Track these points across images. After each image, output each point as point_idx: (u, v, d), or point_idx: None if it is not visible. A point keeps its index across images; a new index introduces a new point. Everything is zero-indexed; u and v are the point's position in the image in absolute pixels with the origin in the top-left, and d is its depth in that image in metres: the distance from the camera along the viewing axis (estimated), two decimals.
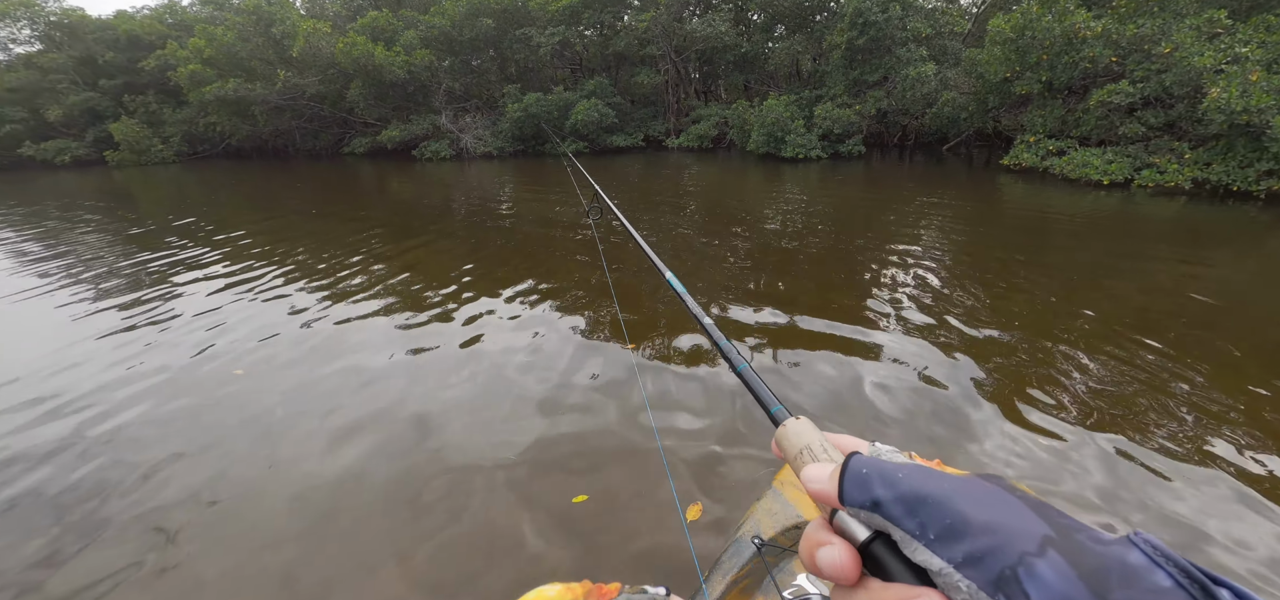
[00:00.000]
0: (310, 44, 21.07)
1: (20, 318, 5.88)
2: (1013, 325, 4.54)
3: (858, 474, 0.37)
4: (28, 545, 2.62)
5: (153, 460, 3.21)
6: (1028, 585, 0.27)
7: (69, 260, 8.19)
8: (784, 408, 0.56)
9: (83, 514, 2.80)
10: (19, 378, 4.33)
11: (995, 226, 8.16)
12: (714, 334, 0.80)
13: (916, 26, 15.77)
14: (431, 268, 6.81)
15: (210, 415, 3.67)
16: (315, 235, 9.01)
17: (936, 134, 17.61)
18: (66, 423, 3.64)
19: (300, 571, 2.42)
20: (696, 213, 9.65)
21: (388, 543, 2.55)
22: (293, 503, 2.83)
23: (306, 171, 20.15)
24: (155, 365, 4.42)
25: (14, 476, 3.13)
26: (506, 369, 4.11)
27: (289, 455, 3.23)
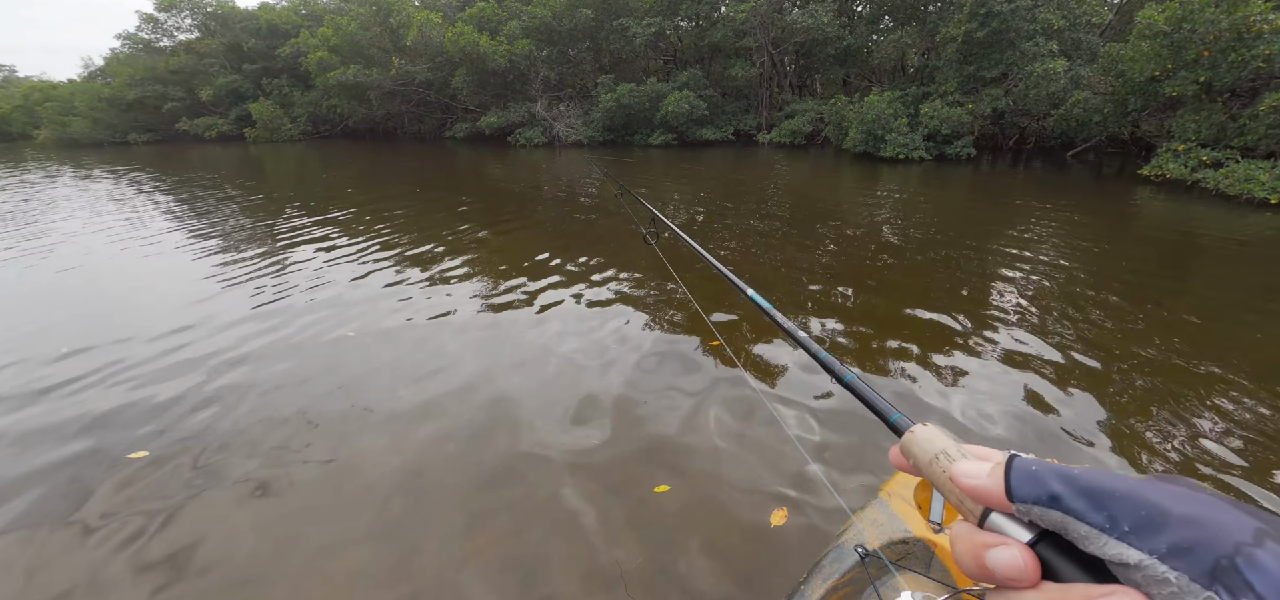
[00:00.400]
0: (423, 33, 22.41)
1: (165, 268, 6.72)
2: (1139, 361, 3.95)
3: (1026, 471, 0.36)
4: (163, 468, 2.95)
5: (268, 408, 3.52)
6: (1250, 575, 0.25)
7: (210, 221, 9.22)
8: (905, 415, 0.53)
9: (204, 447, 3.12)
10: (160, 317, 4.98)
11: (1126, 245, 7.20)
12: (810, 346, 0.77)
13: (1047, 18, 14.31)
14: (520, 249, 7.03)
15: (316, 370, 3.97)
16: (417, 211, 9.59)
17: (1060, 138, 15.99)
18: (194, 367, 4.08)
19: (388, 523, 2.55)
20: (782, 212, 9.30)
21: (469, 511, 2.64)
22: (384, 459, 2.99)
23: (412, 152, 21.53)
24: (272, 322, 4.86)
25: (145, 409, 3.56)
26: (587, 354, 4.14)
27: (383, 414, 3.43)
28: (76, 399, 3.71)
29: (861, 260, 6.43)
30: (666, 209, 9.49)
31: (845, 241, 7.28)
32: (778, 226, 8.20)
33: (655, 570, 2.29)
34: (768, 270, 6.13)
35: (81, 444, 3.21)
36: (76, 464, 3.04)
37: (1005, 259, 6.43)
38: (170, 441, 3.22)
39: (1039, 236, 7.41)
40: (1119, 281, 5.62)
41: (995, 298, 5.22)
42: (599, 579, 2.25)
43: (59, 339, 4.65)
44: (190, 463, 3.02)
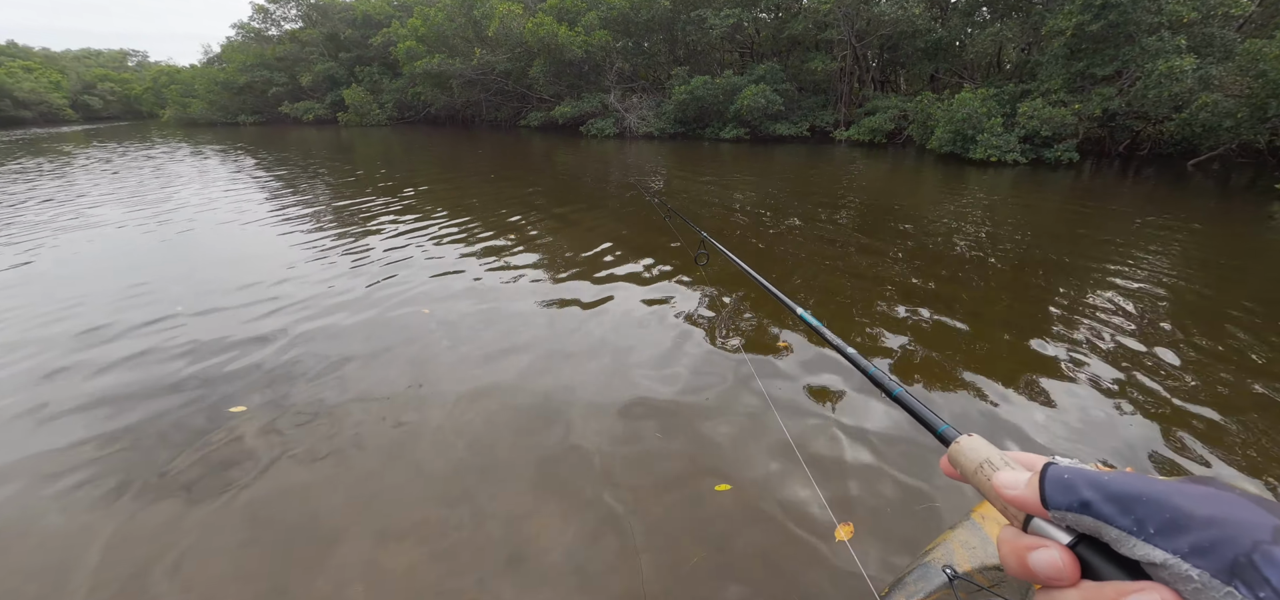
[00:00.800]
0: (504, 24, 23.07)
1: (259, 237, 7.32)
2: (1257, 404, 3.42)
3: (1060, 478, 0.38)
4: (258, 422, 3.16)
5: (347, 374, 3.71)
6: (1267, 570, 0.27)
7: (303, 196, 9.90)
8: (951, 426, 0.56)
9: (293, 406, 3.32)
10: (254, 282, 5.43)
11: (1255, 269, 6.30)
12: (860, 362, 0.80)
13: (1176, 10, 12.86)
14: (585, 240, 7.07)
15: (392, 342, 4.15)
16: (491, 196, 9.91)
17: (1180, 145, 14.41)
18: (284, 334, 4.37)
19: (449, 494, 2.62)
20: (853, 215, 8.80)
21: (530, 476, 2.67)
22: (448, 434, 3.08)
23: (488, 139, 22.30)
24: (354, 294, 5.17)
25: (235, 359, 3.86)
26: (642, 350, 4.11)
27: (449, 390, 3.55)
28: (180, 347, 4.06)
29: (936, 272, 5.93)
30: (732, 207, 9.30)
31: (918, 252, 6.79)
32: (846, 230, 7.79)
33: (709, 571, 2.24)
34: (831, 277, 5.83)
35: (185, 394, 3.52)
36: (180, 411, 3.34)
37: (1107, 280, 5.75)
38: (264, 401, 3.46)
39: (1147, 255, 6.59)
40: (1248, 313, 4.92)
41: (1091, 323, 4.66)
42: (654, 580, 2.21)
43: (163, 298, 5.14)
44: (282, 421, 3.24)
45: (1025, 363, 3.94)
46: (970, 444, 0.50)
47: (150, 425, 3.23)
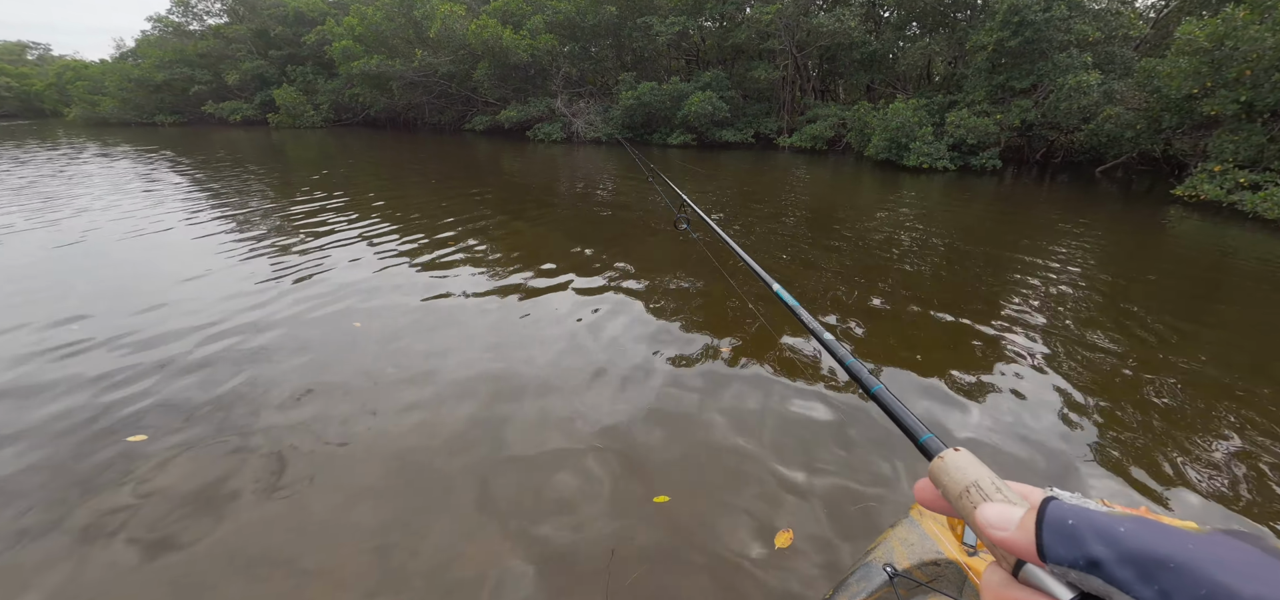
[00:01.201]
0: (446, 25, 22.49)
1: (171, 245, 6.78)
2: (1161, 390, 3.77)
3: (1062, 524, 0.31)
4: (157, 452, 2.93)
5: (274, 393, 3.49)
6: None
7: (225, 201, 9.30)
8: (936, 437, 0.48)
9: (216, 425, 3.10)
10: (163, 293, 5.00)
11: (1154, 268, 6.93)
12: (837, 351, 0.73)
13: (1083, 29, 13.97)
14: (537, 242, 6.99)
15: (322, 359, 3.94)
16: (434, 202, 9.58)
17: (1089, 153, 15.64)
18: (193, 337, 4.08)
19: (390, 520, 2.50)
20: (799, 217, 9.17)
21: (470, 504, 2.58)
22: (388, 456, 2.94)
23: (430, 143, 21.65)
24: (279, 307, 4.85)
25: (137, 380, 3.55)
26: (602, 351, 4.08)
27: (390, 407, 3.38)
28: (71, 369, 3.71)
29: (875, 270, 6.29)
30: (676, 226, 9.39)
31: (861, 250, 7.12)
32: (793, 230, 8.07)
33: (649, 589, 2.21)
34: (779, 274, 6.01)
35: (76, 424, 3.20)
36: (71, 445, 3.03)
37: (1025, 276, 6.26)
38: (169, 428, 3.19)
39: (1063, 254, 7.20)
40: (1145, 306, 5.42)
41: (1011, 316, 5.06)
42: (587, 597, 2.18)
43: (63, 309, 4.69)
44: (190, 450, 2.99)
45: (956, 354, 4.16)
46: (957, 462, 0.43)
47: (33, 462, 2.91)
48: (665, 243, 7.32)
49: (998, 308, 5.29)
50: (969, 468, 0.41)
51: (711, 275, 5.96)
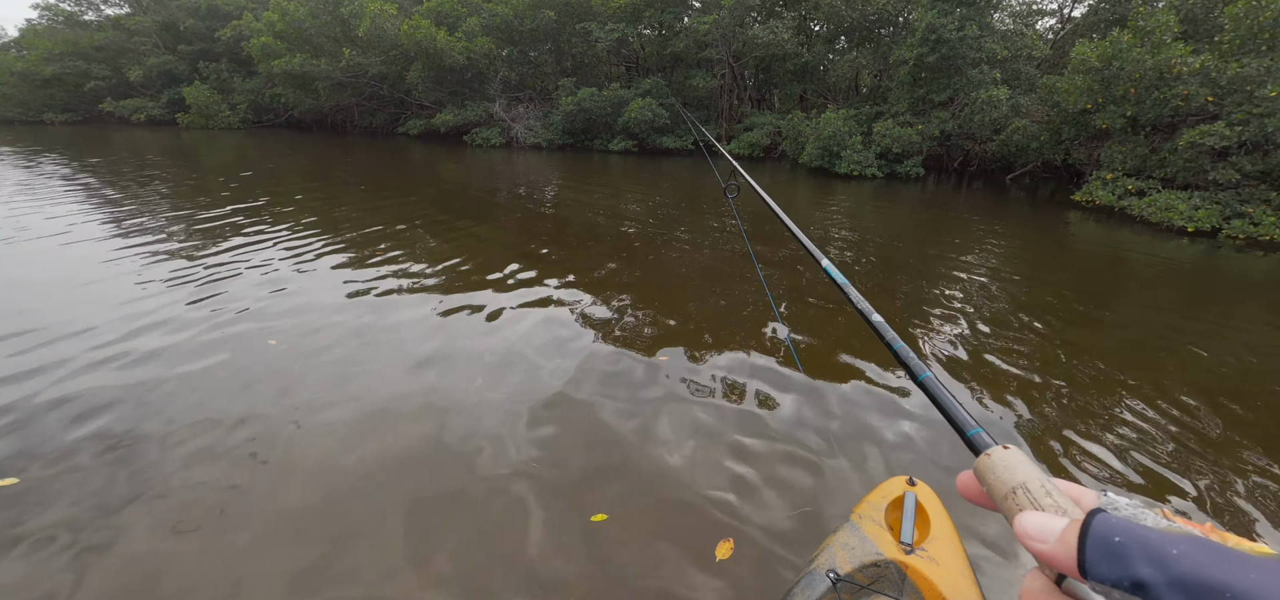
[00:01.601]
0: (376, 25, 21.61)
1: (56, 256, 6.11)
2: (1064, 376, 4.14)
3: (1107, 541, 0.28)
4: (34, 496, 2.62)
5: (185, 421, 3.20)
6: None
7: (124, 207, 8.51)
8: (985, 431, 0.45)
9: (118, 463, 2.80)
10: (41, 310, 4.47)
11: (1058, 266, 7.61)
12: (887, 334, 0.72)
13: (992, 47, 15.06)
14: (474, 252, 6.78)
15: (238, 380, 3.66)
16: (363, 210, 9.14)
17: (1001, 162, 16.83)
18: (74, 364, 3.69)
19: (316, 555, 2.33)
20: (744, 222, 9.39)
21: (397, 535, 2.44)
22: (310, 482, 2.75)
23: (361, 147, 20.70)
24: (179, 323, 4.47)
25: (69, 416, 3.18)
26: (538, 365, 3.98)
27: (313, 430, 3.16)
28: None
29: (811, 268, 6.50)
30: (625, 214, 9.39)
31: (794, 253, 7.35)
32: (734, 233, 8.23)
33: None
34: (719, 279, 6.10)
35: None
36: None
37: (948, 274, 6.68)
38: (43, 467, 2.85)
39: (980, 254, 7.73)
40: (1050, 300, 5.91)
41: (933, 311, 5.39)
42: None
43: None
44: (69, 496, 2.68)
45: (876, 352, 4.33)
46: (1006, 459, 0.40)
47: None
48: (609, 249, 7.28)
49: (922, 303, 5.60)
50: (1018, 467, 0.39)
51: (660, 283, 5.97)
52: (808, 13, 20.67)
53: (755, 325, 4.88)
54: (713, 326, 4.76)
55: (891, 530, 1.78)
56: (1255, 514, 2.77)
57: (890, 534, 1.77)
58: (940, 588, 1.57)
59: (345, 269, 6.08)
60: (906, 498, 1.89)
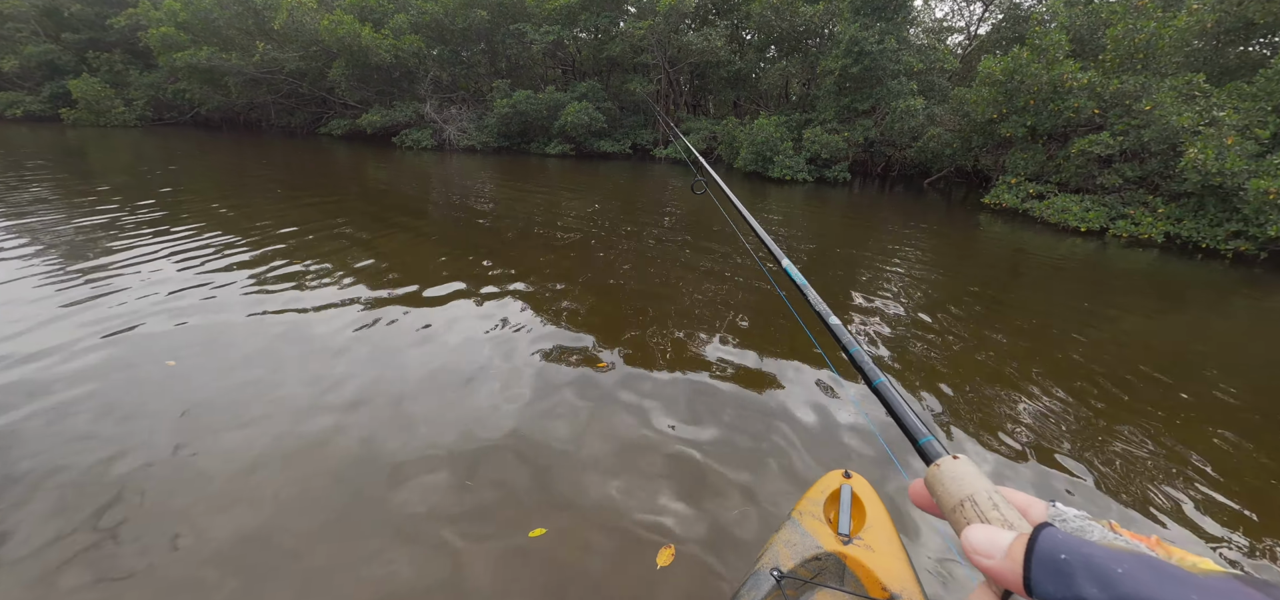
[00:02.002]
0: (294, 18, 20.36)
1: None
2: (978, 363, 4.52)
3: (1053, 558, 0.28)
4: None
5: (71, 452, 2.86)
6: None
7: (11, 222, 7.58)
8: (935, 440, 0.46)
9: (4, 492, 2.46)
10: None
11: (972, 263, 8.25)
12: (843, 337, 0.71)
13: (909, 61, 16.02)
14: (404, 259, 6.49)
15: (127, 406, 3.31)
16: (282, 215, 8.56)
17: (919, 167, 17.91)
18: None
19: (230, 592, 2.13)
20: (679, 225, 9.51)
21: (319, 565, 2.28)
22: (211, 521, 2.53)
23: (278, 148, 19.41)
24: (80, 348, 4.02)
25: None
26: (470, 376, 3.85)
27: (214, 459, 2.90)
28: None
29: (745, 272, 6.66)
30: (563, 218, 9.27)
31: (733, 254, 7.51)
32: (672, 239, 8.31)
33: None
34: (659, 281, 6.13)
35: None
36: None
37: (872, 272, 7.07)
38: None
39: (902, 253, 8.20)
40: (967, 295, 6.37)
41: (857, 309, 5.66)
42: None
43: None
44: None
45: (821, 339, 4.48)
46: (955, 471, 0.39)
47: None
48: (546, 254, 7.14)
49: (851, 298, 5.86)
50: (966, 479, 0.39)
51: (598, 289, 5.90)
52: (740, 22, 21.25)
53: (695, 329, 4.92)
54: (652, 332, 4.75)
55: (830, 523, 1.83)
56: (1147, 487, 3.04)
57: (829, 527, 1.80)
58: (877, 573, 1.63)
59: (260, 279, 5.65)
60: (843, 490, 1.94)
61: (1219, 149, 9.20)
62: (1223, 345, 5.54)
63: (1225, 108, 10.02)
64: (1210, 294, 7.39)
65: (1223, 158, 9.08)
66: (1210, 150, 9.19)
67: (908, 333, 5.09)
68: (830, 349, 4.56)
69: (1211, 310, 6.78)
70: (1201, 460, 3.31)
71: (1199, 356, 5.08)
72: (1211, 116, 9.94)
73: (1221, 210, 9.50)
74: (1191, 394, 4.19)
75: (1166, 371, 4.56)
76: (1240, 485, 3.11)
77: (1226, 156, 9.06)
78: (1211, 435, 3.61)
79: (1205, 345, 5.47)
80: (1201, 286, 7.69)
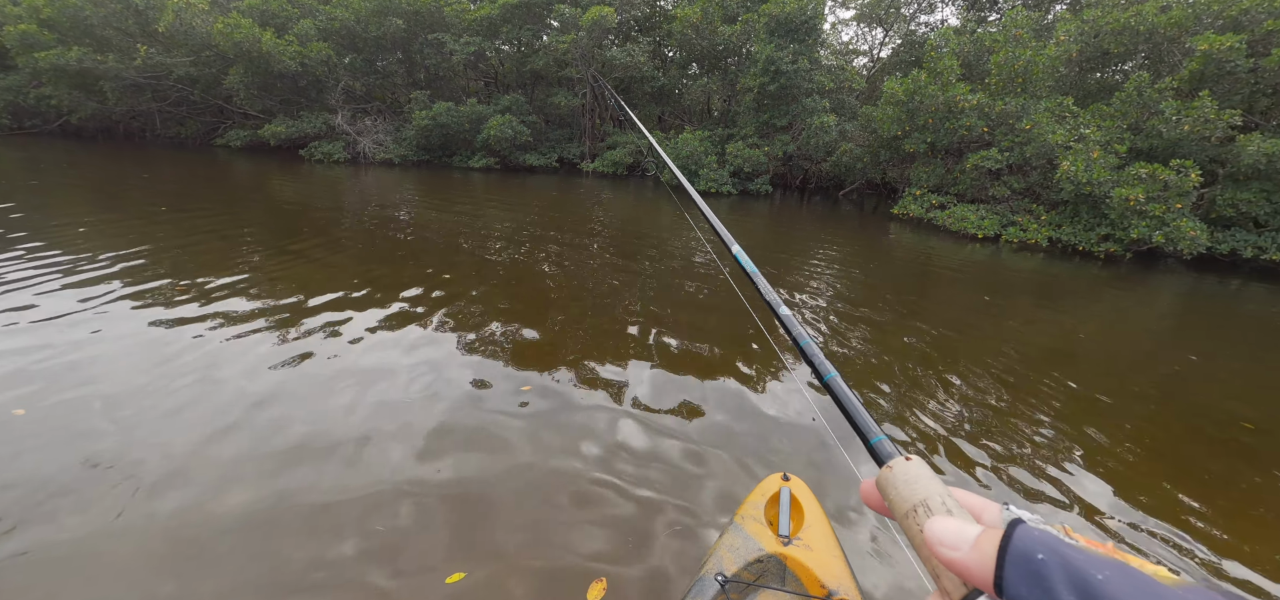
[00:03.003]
0: (181, 20, 18.70)
1: None
2: (892, 359, 4.85)
3: (1029, 557, 0.26)
4: None
5: None
6: None
7: None
8: (888, 439, 0.45)
9: None
10: None
11: (886, 269, 8.81)
12: (794, 330, 0.69)
13: (821, 80, 16.97)
14: (315, 282, 6.02)
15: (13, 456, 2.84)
16: (169, 237, 7.73)
17: (834, 180, 18.97)
18: None
19: None
20: (608, 237, 9.49)
21: None
22: (105, 571, 2.20)
23: (167, 161, 17.62)
24: None
25: None
26: (385, 407, 3.58)
27: (63, 520, 2.51)
28: None
29: (677, 281, 6.73)
30: (489, 233, 8.99)
31: (664, 264, 7.57)
32: (603, 251, 8.25)
33: None
34: (591, 291, 6.05)
35: None
36: None
37: (795, 279, 7.40)
38: None
39: (820, 261, 8.63)
40: (881, 295, 6.84)
41: (796, 309, 5.82)
42: None
43: None
44: None
45: (744, 347, 4.58)
46: (907, 473, 0.39)
47: None
48: (471, 271, 6.87)
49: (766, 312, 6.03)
50: (919, 482, 0.38)
51: (525, 307, 5.72)
52: (662, 39, 21.70)
53: (625, 344, 4.86)
54: (582, 349, 4.65)
55: (770, 526, 1.86)
56: (1041, 466, 3.28)
57: (770, 530, 1.84)
58: (816, 572, 1.68)
59: (142, 309, 5.02)
60: (782, 493, 1.99)
61: (1087, 162, 10.34)
62: (1097, 334, 6.20)
63: (1090, 126, 11.29)
64: (1086, 290, 8.25)
65: (1090, 170, 10.21)
66: (1080, 163, 10.31)
67: (830, 333, 5.36)
68: (784, 345, 4.65)
69: (1087, 304, 7.57)
70: (1081, 438, 3.68)
71: (1078, 344, 5.67)
72: (1080, 133, 11.17)
73: (1093, 216, 10.67)
74: (1074, 380, 4.64)
75: (1051, 359, 5.09)
76: (1114, 460, 3.46)
77: (1093, 169, 10.19)
78: (1089, 414, 4.03)
79: (1084, 333, 6.11)
80: (1079, 284, 8.57)
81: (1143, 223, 9.71)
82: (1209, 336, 6.50)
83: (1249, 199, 10.07)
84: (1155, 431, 3.91)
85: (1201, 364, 5.46)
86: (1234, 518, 3.00)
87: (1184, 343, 6.28)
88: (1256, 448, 3.76)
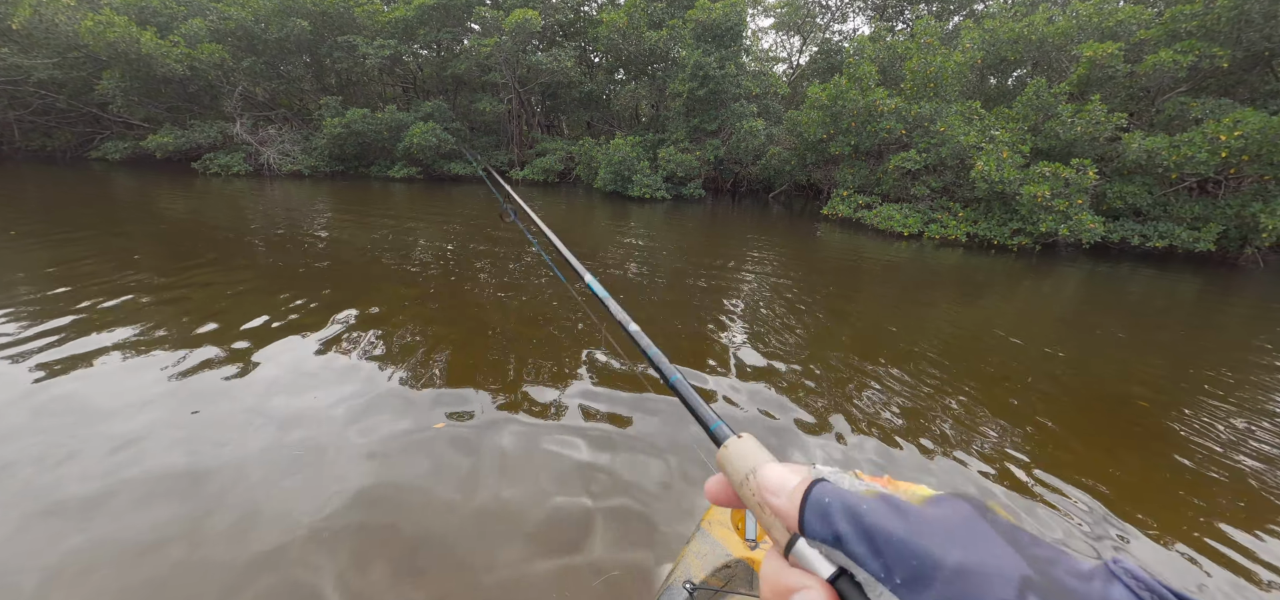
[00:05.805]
0: (42, 17, 16.47)
1: None
2: (825, 351, 5.00)
3: (820, 502, 0.35)
4: None
5: None
6: None
7: None
8: (725, 424, 0.50)
9: None
10: None
11: (818, 267, 8.99)
12: (642, 341, 0.73)
13: (748, 85, 17.24)
14: (213, 309, 5.25)
15: None
16: (32, 265, 6.58)
17: (763, 182, 19.36)
18: None
19: None
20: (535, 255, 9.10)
21: None
22: None
23: (28, 177, 15.37)
24: None
25: None
26: (307, 440, 3.12)
27: None
28: None
29: (615, 284, 6.51)
30: (413, 248, 8.35)
31: (601, 273, 7.28)
32: (537, 259, 7.83)
33: None
34: (529, 307, 5.65)
35: None
36: None
37: (730, 280, 7.46)
38: None
39: (754, 260, 8.70)
40: (812, 292, 7.02)
41: (722, 312, 5.87)
42: None
43: None
44: None
45: (692, 345, 4.49)
46: (741, 448, 0.43)
47: None
48: (395, 290, 6.26)
49: (720, 304, 6.06)
50: (749, 454, 0.43)
51: (455, 327, 5.25)
52: (588, 44, 21.40)
53: (566, 359, 4.51)
54: (520, 366, 4.26)
55: (738, 530, 1.87)
56: (956, 436, 3.37)
57: (737, 534, 1.84)
58: None
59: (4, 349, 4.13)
60: None
61: (998, 162, 10.98)
62: (1012, 319, 6.61)
63: (998, 127, 12.03)
64: (1002, 281, 8.70)
65: (1002, 169, 10.85)
66: (992, 163, 10.94)
67: (759, 332, 5.42)
68: (708, 357, 4.46)
69: (1003, 293, 7.98)
70: (1003, 413, 4.00)
71: (995, 329, 6.04)
72: (990, 135, 11.87)
73: (1005, 212, 11.35)
74: (990, 363, 5.00)
75: (971, 344, 5.47)
76: (1023, 429, 3.78)
77: (1004, 168, 10.84)
78: (1003, 392, 4.39)
79: (1000, 320, 6.53)
80: (996, 275, 9.03)
81: (1050, 217, 10.40)
82: (1108, 317, 7.00)
83: (1134, 191, 11.05)
84: (1065, 405, 4.26)
85: (1102, 342, 5.95)
86: (1137, 476, 3.35)
87: (1088, 323, 6.70)
88: (1150, 416, 4.21)
